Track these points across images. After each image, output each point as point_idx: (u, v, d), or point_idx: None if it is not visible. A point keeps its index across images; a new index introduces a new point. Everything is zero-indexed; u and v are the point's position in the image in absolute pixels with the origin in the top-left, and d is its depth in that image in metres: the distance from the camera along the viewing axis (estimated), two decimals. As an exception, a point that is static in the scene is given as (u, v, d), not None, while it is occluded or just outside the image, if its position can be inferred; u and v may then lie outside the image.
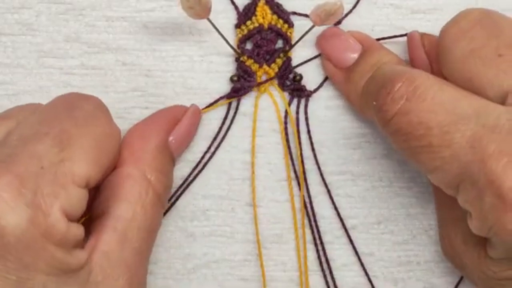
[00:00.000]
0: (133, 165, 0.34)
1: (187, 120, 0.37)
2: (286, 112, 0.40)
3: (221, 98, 0.39)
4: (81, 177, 0.30)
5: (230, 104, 0.39)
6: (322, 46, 0.39)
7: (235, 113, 0.39)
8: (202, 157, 0.39)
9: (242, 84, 0.39)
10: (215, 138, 0.39)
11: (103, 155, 0.32)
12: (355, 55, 0.37)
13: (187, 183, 0.39)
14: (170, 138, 0.36)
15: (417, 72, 0.32)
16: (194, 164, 0.39)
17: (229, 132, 0.40)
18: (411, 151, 0.31)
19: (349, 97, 0.38)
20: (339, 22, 0.39)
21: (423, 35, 0.37)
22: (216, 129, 0.39)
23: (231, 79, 0.39)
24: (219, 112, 0.39)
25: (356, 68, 0.37)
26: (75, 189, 0.30)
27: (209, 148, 0.39)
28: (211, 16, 0.36)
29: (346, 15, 0.39)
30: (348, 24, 0.39)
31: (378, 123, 0.32)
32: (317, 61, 0.39)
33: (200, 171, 0.39)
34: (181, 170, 0.39)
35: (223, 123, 0.39)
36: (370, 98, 0.33)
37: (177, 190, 0.39)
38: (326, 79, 0.39)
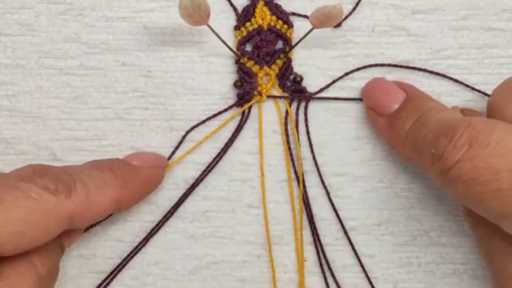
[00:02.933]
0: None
1: None
2: (287, 113, 0.39)
3: (230, 107, 0.39)
4: None
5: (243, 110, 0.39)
6: (367, 98, 0.38)
7: (247, 117, 0.39)
8: (213, 161, 0.39)
9: (245, 89, 0.39)
10: (226, 143, 0.39)
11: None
12: (397, 105, 0.37)
13: (190, 185, 0.39)
14: None
15: (476, 118, 0.31)
16: (196, 166, 0.39)
17: (230, 134, 0.40)
18: (476, 198, 0.30)
19: (392, 143, 0.37)
20: (339, 25, 0.39)
21: (463, 110, 0.37)
22: (218, 134, 0.39)
23: (235, 85, 0.39)
24: (220, 116, 0.39)
25: (399, 114, 0.36)
26: None
27: (219, 153, 0.39)
28: (210, 18, 0.36)
29: (347, 16, 0.39)
30: (348, 25, 0.39)
31: (434, 172, 0.32)
32: (317, 63, 0.39)
33: (201, 173, 0.39)
34: (184, 173, 0.39)
35: (236, 129, 0.39)
36: (421, 145, 0.33)
37: (184, 193, 0.39)
38: (329, 84, 0.39)
